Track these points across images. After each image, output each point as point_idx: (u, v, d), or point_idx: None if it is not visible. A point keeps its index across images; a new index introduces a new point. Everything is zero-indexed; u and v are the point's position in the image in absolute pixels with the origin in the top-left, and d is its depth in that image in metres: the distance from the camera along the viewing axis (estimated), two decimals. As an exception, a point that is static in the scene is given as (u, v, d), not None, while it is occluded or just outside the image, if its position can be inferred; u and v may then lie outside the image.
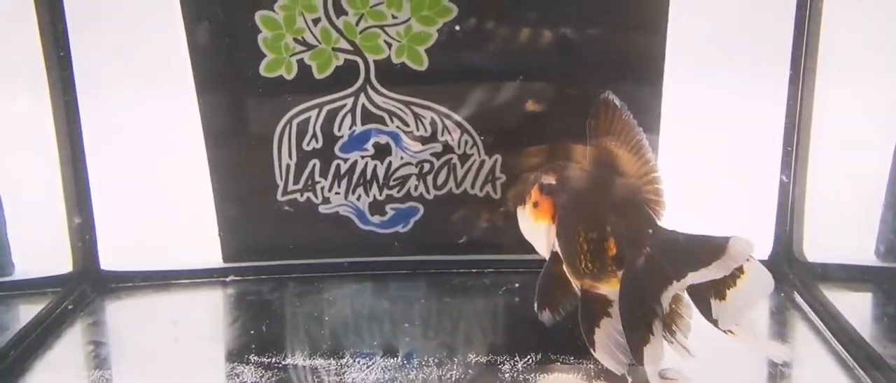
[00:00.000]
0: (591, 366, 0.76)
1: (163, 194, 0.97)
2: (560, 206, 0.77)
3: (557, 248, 0.77)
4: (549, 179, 0.78)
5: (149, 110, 0.94)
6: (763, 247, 0.96)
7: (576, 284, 0.76)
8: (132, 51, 0.93)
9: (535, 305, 0.80)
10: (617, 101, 0.79)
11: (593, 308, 0.74)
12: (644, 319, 0.68)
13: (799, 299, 0.91)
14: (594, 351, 0.73)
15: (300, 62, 0.92)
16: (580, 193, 0.76)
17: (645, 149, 0.79)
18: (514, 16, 0.91)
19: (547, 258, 0.79)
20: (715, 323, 0.69)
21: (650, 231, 0.71)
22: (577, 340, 0.76)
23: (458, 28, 0.91)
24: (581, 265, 0.74)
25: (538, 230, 0.79)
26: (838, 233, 0.94)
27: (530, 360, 0.78)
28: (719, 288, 0.68)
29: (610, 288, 0.73)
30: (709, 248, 0.66)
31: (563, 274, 0.77)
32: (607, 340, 0.73)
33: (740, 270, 0.66)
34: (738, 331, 0.70)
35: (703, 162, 0.95)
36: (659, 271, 0.68)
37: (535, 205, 0.79)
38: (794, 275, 0.94)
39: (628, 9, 0.91)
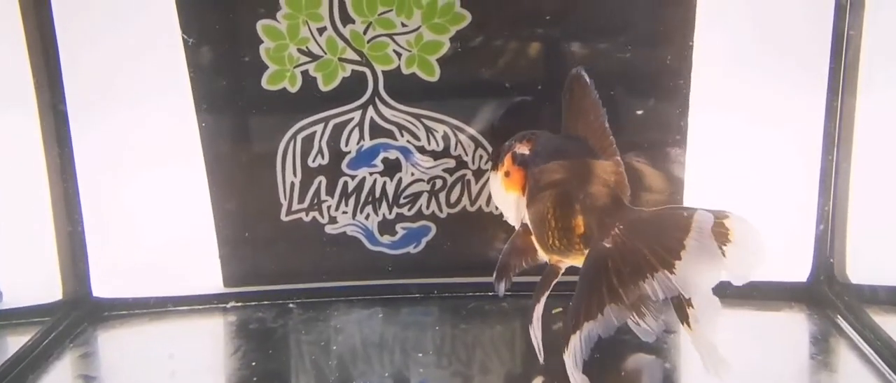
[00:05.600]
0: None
1: (159, 215, 0.95)
2: (531, 178, 0.77)
3: (527, 221, 0.77)
4: (523, 149, 0.78)
5: (144, 125, 0.93)
6: (802, 269, 0.93)
7: (544, 258, 0.77)
8: (126, 63, 0.91)
9: (494, 275, 0.80)
10: (587, 78, 0.79)
11: (547, 281, 0.76)
12: (584, 306, 0.65)
13: (843, 323, 0.87)
14: (530, 323, 0.75)
15: (305, 74, 0.90)
16: (553, 168, 0.75)
17: (606, 131, 0.78)
18: (529, 24, 0.89)
19: (516, 226, 0.80)
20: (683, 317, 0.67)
21: (618, 211, 0.70)
22: (603, 368, 0.74)
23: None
24: (549, 240, 0.74)
25: (508, 199, 0.80)
26: (884, 254, 0.90)
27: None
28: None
29: (574, 264, 0.73)
30: (673, 221, 0.63)
31: (529, 245, 0.78)
32: (540, 314, 0.74)
33: (727, 238, 0.61)
34: (696, 328, 0.66)
35: (737, 179, 0.92)
36: (635, 254, 0.64)
37: (507, 174, 0.80)
38: (837, 297, 0.91)
39: (652, 20, 0.89)
